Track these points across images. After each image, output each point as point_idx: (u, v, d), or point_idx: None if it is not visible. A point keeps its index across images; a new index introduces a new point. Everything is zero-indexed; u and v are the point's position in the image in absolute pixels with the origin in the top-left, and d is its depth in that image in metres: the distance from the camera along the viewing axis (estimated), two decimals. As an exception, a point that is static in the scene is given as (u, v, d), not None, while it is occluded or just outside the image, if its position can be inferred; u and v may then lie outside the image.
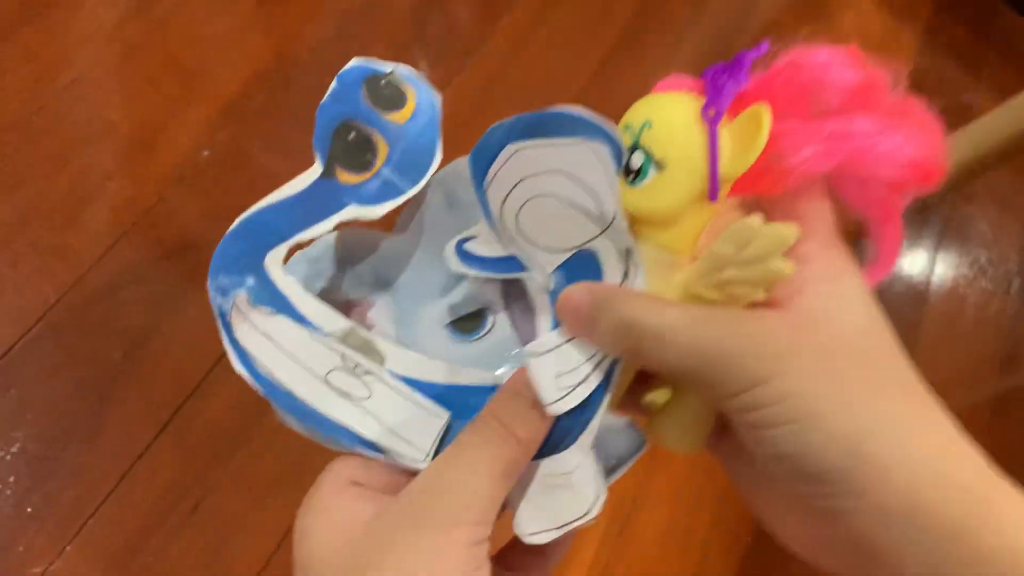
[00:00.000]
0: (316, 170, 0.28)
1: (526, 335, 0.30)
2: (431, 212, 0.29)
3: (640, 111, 0.28)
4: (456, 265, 0.28)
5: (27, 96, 0.84)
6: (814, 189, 0.28)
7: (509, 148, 0.26)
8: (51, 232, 0.79)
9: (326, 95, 0.28)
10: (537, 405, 0.27)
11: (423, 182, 0.28)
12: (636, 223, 0.28)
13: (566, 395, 0.27)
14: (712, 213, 0.28)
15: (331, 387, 0.26)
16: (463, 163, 0.28)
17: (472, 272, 0.28)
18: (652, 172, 0.27)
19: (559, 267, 0.28)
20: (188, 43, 0.92)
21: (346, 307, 0.28)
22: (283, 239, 0.27)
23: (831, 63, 0.27)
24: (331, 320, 0.27)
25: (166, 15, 0.93)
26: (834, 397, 0.25)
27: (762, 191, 0.28)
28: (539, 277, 0.28)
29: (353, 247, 0.29)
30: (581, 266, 0.27)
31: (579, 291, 0.27)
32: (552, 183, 0.26)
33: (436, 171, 0.28)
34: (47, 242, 0.78)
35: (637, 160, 0.27)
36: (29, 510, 0.69)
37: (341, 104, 0.28)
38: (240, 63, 0.92)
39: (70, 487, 0.70)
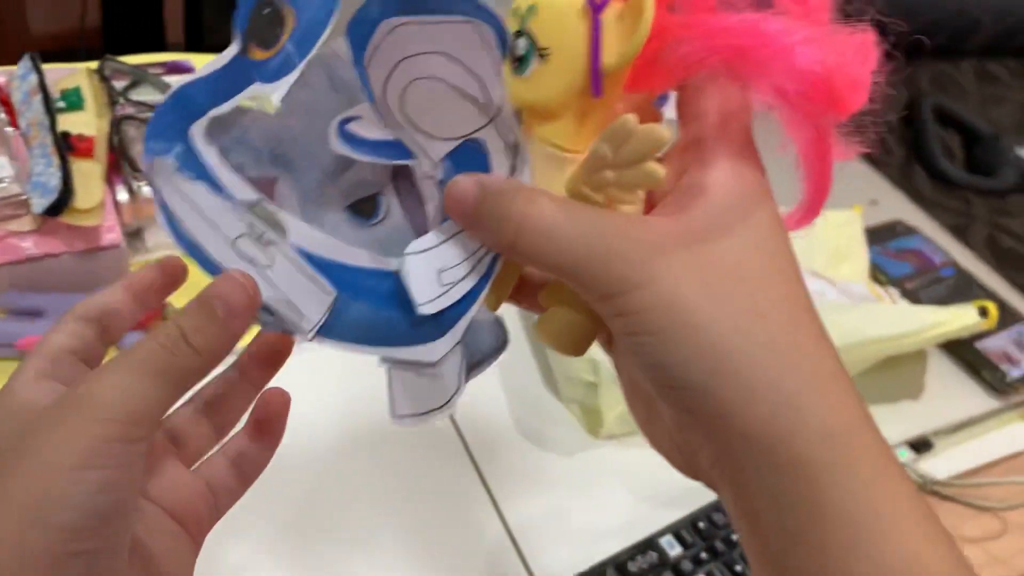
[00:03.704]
0: (234, 48, 0.28)
1: (417, 223, 0.30)
2: (312, 92, 0.29)
3: None
4: (338, 147, 0.28)
5: None
6: (737, 90, 0.27)
7: (387, 23, 0.25)
8: None
9: None
10: (222, 319, 0.27)
11: (309, 57, 0.28)
12: (526, 115, 0.27)
13: (444, 292, 0.28)
14: (604, 109, 0.27)
15: (238, 252, 0.28)
16: (341, 41, 0.27)
17: (356, 155, 0.28)
18: (536, 61, 0.26)
19: (447, 156, 0.28)
20: None
21: (255, 183, 0.29)
22: (203, 113, 0.28)
23: None
24: (243, 190, 0.29)
25: None
26: (709, 312, 0.24)
27: (651, 88, 0.28)
28: (426, 165, 0.28)
29: (250, 125, 0.29)
30: (469, 156, 0.27)
31: (465, 181, 0.27)
32: (435, 64, 0.26)
33: (316, 49, 0.28)
34: None
35: (521, 47, 0.26)
36: None
37: None
38: None
39: None
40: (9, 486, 0.24)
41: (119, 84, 0.70)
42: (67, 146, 0.61)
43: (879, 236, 0.81)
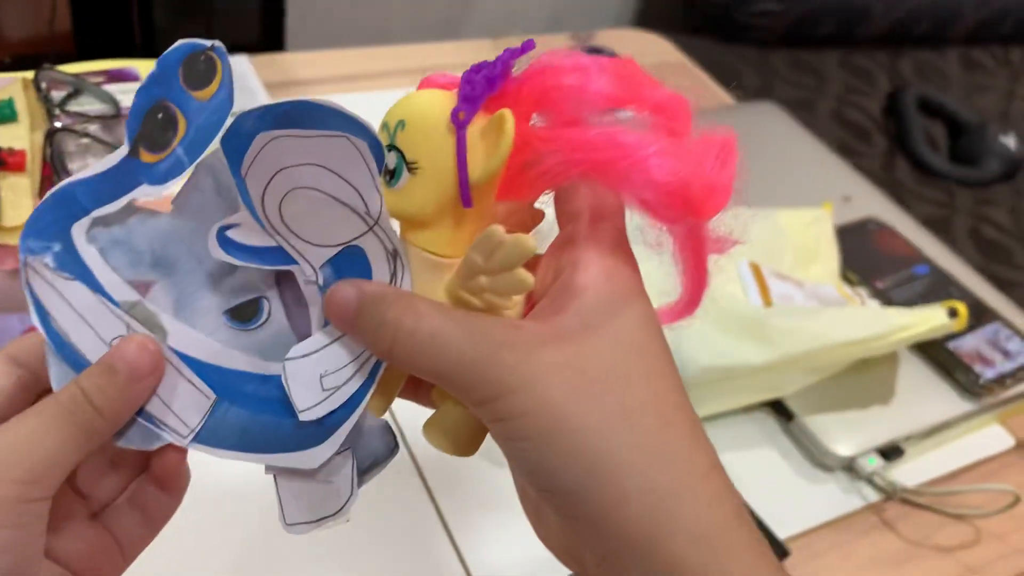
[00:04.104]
0: (124, 149, 0.29)
1: (300, 327, 0.30)
2: (201, 196, 0.29)
3: (397, 110, 0.27)
4: (218, 253, 0.28)
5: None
6: (610, 193, 0.28)
7: (262, 136, 0.26)
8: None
9: (146, 78, 0.29)
10: (125, 381, 0.27)
11: (197, 162, 0.29)
12: (402, 224, 0.28)
13: (327, 398, 0.28)
14: (478, 215, 0.28)
15: None
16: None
17: (236, 261, 0.28)
18: (406, 174, 0.27)
19: (328, 262, 0.28)
20: None
21: (131, 285, 0.30)
22: (86, 212, 0.29)
23: (588, 69, 0.26)
24: (122, 292, 0.29)
25: None
26: (581, 416, 0.25)
27: (521, 197, 0.28)
28: (307, 271, 0.28)
29: (137, 226, 0.30)
30: (349, 262, 0.28)
31: (345, 288, 0.27)
32: (313, 175, 0.26)
33: (206, 154, 0.29)
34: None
35: (391, 161, 0.27)
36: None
37: (157, 87, 0.29)
38: None
39: None
40: None
41: (59, 94, 0.68)
42: (-4, 161, 0.58)
43: (851, 234, 0.79)
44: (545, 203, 0.30)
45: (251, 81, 0.78)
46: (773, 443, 0.66)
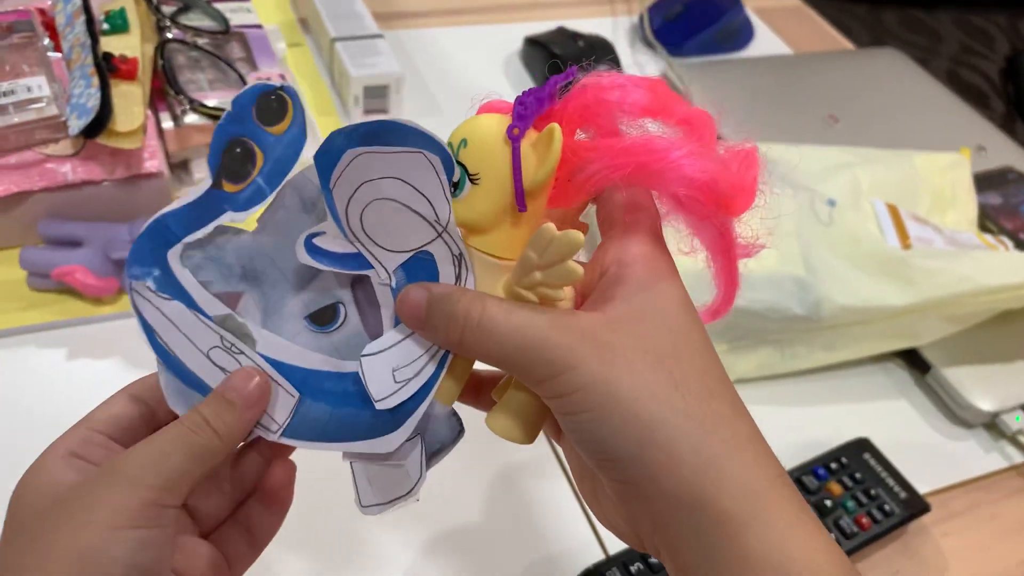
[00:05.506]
0: (207, 182, 0.32)
1: (372, 328, 0.33)
2: (287, 213, 0.33)
3: (460, 131, 0.31)
4: (304, 257, 0.31)
5: None
6: (645, 198, 0.31)
7: (350, 152, 0.29)
8: None
9: (222, 117, 0.32)
10: (239, 408, 0.31)
11: (280, 187, 0.32)
12: (465, 230, 0.31)
13: (399, 389, 0.32)
14: (531, 221, 0.31)
15: (212, 361, 0.32)
16: (312, 169, 0.31)
17: (320, 265, 0.31)
18: (468, 185, 0.30)
19: (400, 267, 0.31)
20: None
21: (222, 298, 0.33)
22: (178, 239, 0.32)
23: (626, 86, 0.30)
24: (214, 306, 0.32)
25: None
26: (633, 389, 0.27)
27: (570, 203, 0.32)
28: (382, 274, 0.32)
29: (227, 243, 0.33)
30: (419, 267, 0.31)
31: (416, 289, 0.31)
32: (392, 187, 0.30)
33: (291, 175, 0.32)
34: None
35: (456, 174, 0.30)
36: None
37: (234, 124, 0.32)
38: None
39: None
40: (55, 545, 0.27)
41: (169, 9, 0.66)
42: (109, 67, 0.57)
43: (989, 182, 0.73)
44: (589, 216, 0.34)
45: (358, 6, 0.76)
46: (906, 395, 0.61)
